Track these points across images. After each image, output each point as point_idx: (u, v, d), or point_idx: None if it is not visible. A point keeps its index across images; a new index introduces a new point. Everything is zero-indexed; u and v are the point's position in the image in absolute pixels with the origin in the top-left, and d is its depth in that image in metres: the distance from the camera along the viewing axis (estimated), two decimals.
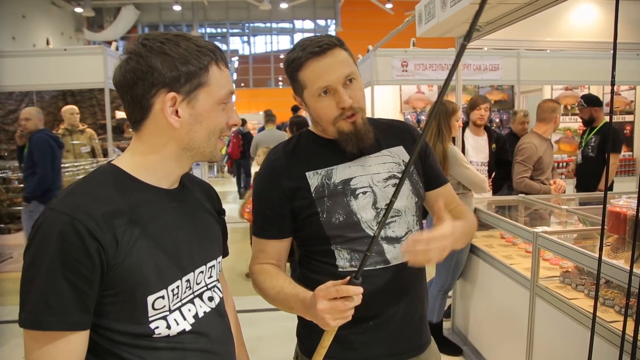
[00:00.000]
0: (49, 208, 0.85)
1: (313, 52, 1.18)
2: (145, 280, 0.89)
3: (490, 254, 2.77)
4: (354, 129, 1.22)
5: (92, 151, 5.12)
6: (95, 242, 0.83)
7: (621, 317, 1.83)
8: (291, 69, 1.23)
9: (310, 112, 1.28)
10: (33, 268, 0.82)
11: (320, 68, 1.18)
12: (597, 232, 2.50)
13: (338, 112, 1.20)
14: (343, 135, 1.23)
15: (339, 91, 1.19)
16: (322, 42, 1.19)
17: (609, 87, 5.76)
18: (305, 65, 1.19)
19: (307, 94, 1.22)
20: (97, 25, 19.52)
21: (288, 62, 1.23)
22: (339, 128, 1.22)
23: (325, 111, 1.21)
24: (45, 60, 4.78)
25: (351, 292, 0.98)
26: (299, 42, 1.23)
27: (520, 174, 3.52)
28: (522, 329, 2.32)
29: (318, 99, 1.21)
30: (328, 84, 1.18)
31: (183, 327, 0.95)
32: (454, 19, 2.62)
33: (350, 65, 1.20)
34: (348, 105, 1.19)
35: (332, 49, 1.18)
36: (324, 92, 1.20)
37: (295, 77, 1.22)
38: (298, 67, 1.20)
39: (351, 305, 0.99)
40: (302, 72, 1.20)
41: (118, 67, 0.93)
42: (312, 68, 1.19)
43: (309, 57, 1.18)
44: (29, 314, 0.82)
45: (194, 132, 0.95)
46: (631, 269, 1.35)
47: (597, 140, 4.17)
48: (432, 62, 5.36)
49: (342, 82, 1.19)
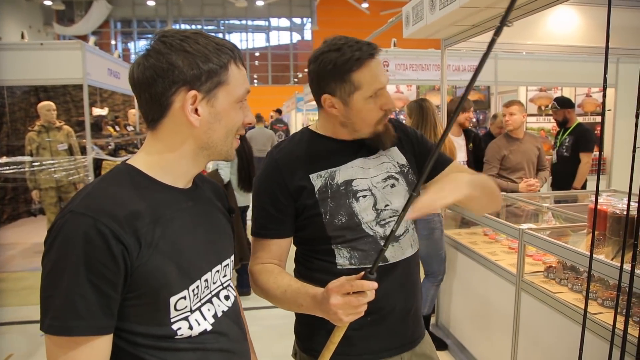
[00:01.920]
0: (68, 210, 0.83)
1: (371, 53, 1.20)
2: (168, 282, 0.88)
3: (475, 251, 2.85)
4: (386, 129, 1.29)
5: (70, 149, 4.99)
6: (119, 244, 0.81)
7: (603, 309, 1.92)
8: (343, 70, 1.19)
9: (347, 114, 1.25)
10: (56, 273, 0.80)
11: (377, 70, 1.21)
12: (577, 228, 2.61)
13: (382, 113, 1.25)
14: (379, 135, 1.28)
15: (386, 93, 1.24)
16: (370, 45, 1.21)
17: (580, 88, 5.99)
18: (364, 66, 1.19)
19: (359, 95, 1.21)
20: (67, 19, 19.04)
21: (337, 63, 1.19)
22: (377, 130, 1.27)
23: (372, 114, 1.24)
24: (19, 55, 4.62)
25: (366, 286, 0.99)
26: (339, 46, 1.20)
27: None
28: (508, 323, 2.40)
29: (368, 100, 1.22)
30: (383, 85, 1.23)
31: (204, 327, 0.95)
32: (442, 21, 2.69)
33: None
34: (392, 107, 1.25)
35: (378, 52, 1.22)
36: (376, 93, 1.22)
37: (347, 77, 1.20)
38: (355, 67, 1.19)
39: (365, 301, 1.00)
40: (359, 72, 1.19)
41: (136, 64, 0.91)
42: (370, 69, 1.20)
43: (368, 58, 1.19)
44: (55, 319, 0.79)
45: (213, 130, 0.94)
46: (621, 266, 1.42)
47: (571, 140, 4.34)
48: (413, 63, 5.45)
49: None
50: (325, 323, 1.23)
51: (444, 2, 2.54)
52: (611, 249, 2.12)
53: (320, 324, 1.26)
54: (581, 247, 2.14)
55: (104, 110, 6.33)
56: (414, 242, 1.35)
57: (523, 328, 2.32)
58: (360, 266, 1.25)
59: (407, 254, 1.31)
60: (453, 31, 2.97)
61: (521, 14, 2.35)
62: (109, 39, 23.34)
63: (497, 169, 3.72)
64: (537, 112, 6.11)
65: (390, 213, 1.28)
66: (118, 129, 6.42)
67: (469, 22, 2.74)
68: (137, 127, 7.39)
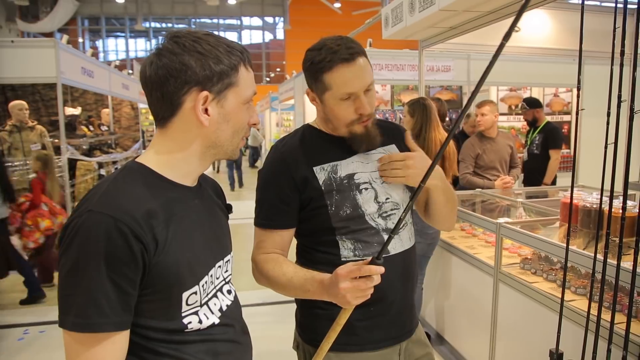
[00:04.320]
0: (86, 210, 0.84)
1: (344, 58, 1.22)
2: (181, 278, 0.91)
3: (453, 245, 2.96)
4: (366, 132, 1.31)
5: (43, 149, 4.89)
6: (139, 243, 0.84)
7: (576, 297, 2.04)
8: (316, 69, 1.25)
9: (324, 110, 1.33)
10: (76, 271, 0.82)
11: (349, 75, 1.23)
12: (549, 222, 2.74)
13: (356, 116, 1.28)
14: (355, 136, 1.31)
15: (361, 99, 1.25)
16: (352, 48, 1.23)
17: (548, 89, 6.22)
18: (335, 69, 1.23)
19: (330, 95, 1.27)
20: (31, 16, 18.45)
21: (313, 62, 1.26)
22: (353, 130, 1.30)
23: (344, 114, 1.28)
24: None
25: (374, 271, 1.05)
26: (325, 43, 1.25)
27: (461, 171, 3.81)
28: (486, 313, 2.51)
29: (340, 102, 1.26)
30: (354, 90, 1.24)
31: (212, 320, 0.98)
32: (421, 23, 2.78)
33: (371, 74, 1.27)
34: (368, 112, 1.27)
35: (359, 56, 1.23)
36: (348, 96, 1.25)
37: (320, 77, 1.26)
38: (326, 69, 1.23)
39: (372, 285, 1.07)
40: (329, 74, 1.24)
41: (149, 62, 0.92)
42: (341, 73, 1.23)
43: (340, 62, 1.22)
44: (78, 317, 0.81)
45: (221, 130, 0.96)
46: (595, 256, 1.52)
47: (541, 139, 4.52)
48: (388, 63, 5.56)
49: (364, 90, 1.25)
50: (327, 314, 1.29)
51: (424, 5, 2.63)
52: (582, 240, 2.25)
53: (323, 315, 1.32)
54: (554, 239, 2.26)
55: (76, 109, 6.21)
56: (411, 235, 1.41)
57: (501, 317, 2.43)
58: (363, 258, 1.30)
59: (406, 246, 1.37)
60: (431, 33, 3.06)
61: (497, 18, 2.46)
62: (77, 36, 22.74)
63: (472, 167, 3.84)
64: (507, 112, 6.31)
65: (391, 206, 1.34)
66: (92, 129, 6.30)
67: (447, 25, 2.83)
68: (111, 127, 7.27)
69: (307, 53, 1.29)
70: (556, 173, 4.54)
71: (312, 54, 1.27)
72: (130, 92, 8.07)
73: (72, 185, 5.20)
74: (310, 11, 23.84)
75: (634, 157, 1.43)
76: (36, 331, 3.55)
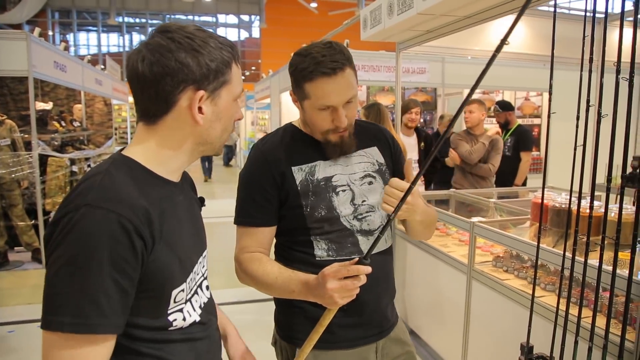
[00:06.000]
0: (83, 204, 0.79)
1: (325, 72, 1.22)
2: (172, 275, 0.90)
3: (427, 243, 3.02)
4: (340, 142, 1.33)
5: (13, 144, 4.75)
6: (140, 240, 0.81)
7: (546, 293, 2.12)
8: (299, 76, 1.27)
9: (304, 115, 1.36)
10: (73, 268, 0.76)
11: (328, 88, 1.24)
12: (519, 221, 2.84)
13: (332, 127, 1.30)
14: (329, 144, 1.33)
15: (339, 112, 1.27)
16: (335, 62, 1.22)
17: (520, 92, 6.40)
18: (315, 81, 1.24)
19: (308, 103, 1.29)
20: None
21: (298, 69, 1.27)
22: (327, 139, 1.33)
23: (321, 123, 1.30)
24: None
25: (361, 271, 1.07)
26: (312, 51, 1.25)
27: (465, 152, 4.02)
28: (460, 310, 2.58)
29: (318, 111, 1.28)
30: (332, 104, 1.26)
31: (194, 318, 0.97)
32: (399, 26, 2.83)
33: (353, 88, 1.28)
34: (344, 126, 1.29)
35: (342, 70, 1.23)
36: (325, 108, 1.27)
37: (301, 85, 1.27)
38: (306, 78, 1.25)
39: (359, 284, 1.09)
40: (309, 84, 1.25)
41: (140, 58, 0.87)
42: (321, 85, 1.24)
43: (320, 75, 1.23)
44: (75, 317, 0.75)
45: (212, 128, 0.95)
46: (564, 253, 1.59)
47: (512, 141, 4.64)
48: (365, 64, 5.62)
49: (343, 103, 1.27)
50: (305, 311, 1.32)
51: (402, 8, 2.68)
52: (552, 238, 2.33)
53: (300, 312, 1.35)
54: (525, 237, 2.34)
55: (48, 104, 6.05)
56: (388, 237, 1.45)
57: (474, 314, 2.50)
58: (337, 258, 1.33)
59: (381, 247, 1.41)
60: (408, 35, 3.12)
61: (473, 22, 2.53)
62: (46, 29, 22.11)
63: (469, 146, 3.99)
64: None
65: (366, 208, 1.37)
66: (64, 125, 6.16)
67: (424, 28, 2.90)
68: (83, 123, 7.11)
69: (293, 57, 1.30)
70: (527, 174, 4.68)
71: (297, 59, 1.27)
72: (103, 88, 7.92)
73: (43, 182, 5.07)
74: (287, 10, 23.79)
75: (601, 159, 1.50)
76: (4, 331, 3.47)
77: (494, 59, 0.90)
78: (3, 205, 4.77)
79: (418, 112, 4.26)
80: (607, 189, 1.35)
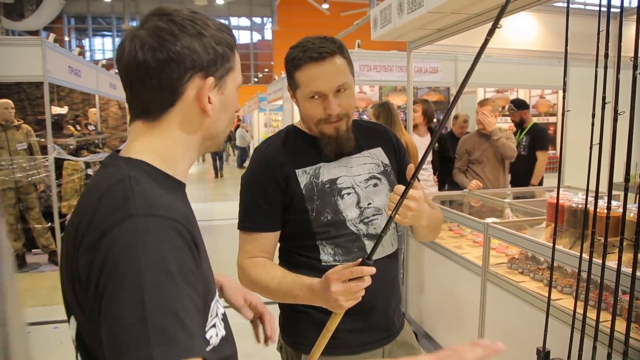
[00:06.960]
0: (127, 216, 0.67)
1: (312, 57, 1.22)
2: (210, 284, 0.81)
3: (441, 245, 2.98)
4: (336, 134, 1.29)
5: (29, 148, 4.83)
6: (195, 248, 0.72)
7: (563, 295, 2.07)
8: (289, 66, 1.28)
9: (299, 109, 1.34)
10: (139, 291, 0.62)
11: (316, 74, 1.23)
12: (535, 222, 2.78)
13: (324, 116, 1.27)
14: (324, 137, 1.30)
15: (329, 98, 1.25)
16: (323, 48, 1.22)
17: (534, 90, 6.30)
18: (302, 68, 1.24)
19: (299, 93, 1.28)
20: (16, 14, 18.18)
21: (288, 59, 1.27)
22: (322, 130, 1.30)
23: (312, 112, 1.28)
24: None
25: (365, 272, 1.04)
26: (303, 41, 1.27)
27: (455, 166, 4.02)
28: (474, 312, 2.53)
29: (308, 100, 1.27)
30: (319, 90, 1.24)
31: (222, 333, 0.84)
32: (409, 25, 2.80)
33: (344, 75, 1.25)
34: (335, 113, 1.26)
35: (331, 57, 1.23)
36: (315, 95, 1.26)
37: (292, 74, 1.28)
38: (295, 67, 1.25)
39: (363, 286, 1.06)
40: (298, 72, 1.25)
41: (138, 45, 0.76)
42: (308, 72, 1.23)
43: (307, 61, 1.23)
44: (164, 344, 0.61)
45: (220, 120, 0.85)
46: (581, 255, 1.55)
47: (528, 140, 4.57)
48: (376, 64, 5.59)
49: (333, 90, 1.24)
50: (310, 316, 1.30)
51: (412, 7, 2.65)
52: (568, 239, 2.28)
53: (305, 318, 1.33)
54: (541, 238, 2.29)
55: (63, 109, 6.14)
56: (394, 241, 1.42)
57: (489, 316, 2.46)
58: (343, 262, 1.30)
59: (388, 251, 1.38)
60: (419, 34, 3.09)
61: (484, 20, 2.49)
62: (62, 35, 22.48)
63: (466, 162, 3.92)
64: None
65: (372, 211, 1.34)
66: (79, 129, 6.24)
67: (435, 26, 2.86)
68: (98, 127, 7.20)
69: (288, 50, 1.30)
70: (543, 174, 4.60)
71: (289, 51, 1.28)
72: (117, 92, 8.00)
73: (59, 185, 5.14)
74: (299, 12, 23.85)
75: (618, 157, 1.45)
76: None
77: (486, 44, 0.89)
78: (20, 209, 4.85)
79: (418, 110, 4.18)
80: (625, 189, 1.32)
